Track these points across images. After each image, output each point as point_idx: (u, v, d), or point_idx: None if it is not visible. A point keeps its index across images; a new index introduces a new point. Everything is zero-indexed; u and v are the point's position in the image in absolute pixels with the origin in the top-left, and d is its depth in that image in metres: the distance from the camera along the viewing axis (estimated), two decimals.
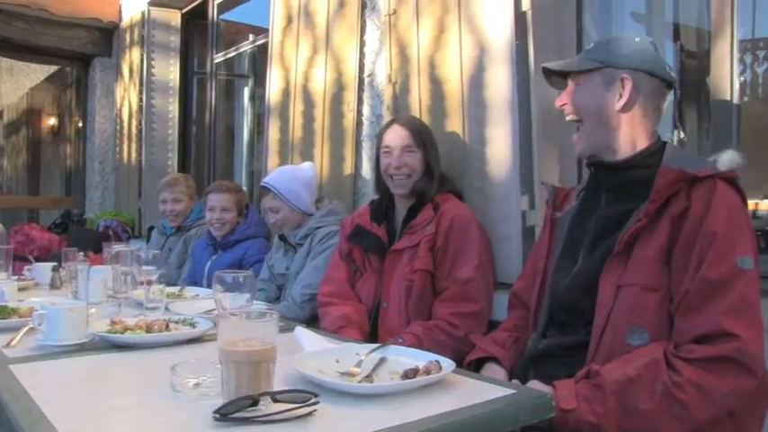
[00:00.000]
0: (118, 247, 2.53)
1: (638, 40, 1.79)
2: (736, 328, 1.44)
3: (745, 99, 2.55)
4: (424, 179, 2.50)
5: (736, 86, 2.32)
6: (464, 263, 2.34)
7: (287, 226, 3.06)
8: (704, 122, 2.51)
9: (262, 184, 3.18)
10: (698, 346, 1.47)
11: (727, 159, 1.68)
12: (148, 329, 1.84)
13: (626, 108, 1.73)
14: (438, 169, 2.54)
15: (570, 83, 1.83)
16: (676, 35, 2.87)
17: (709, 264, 1.49)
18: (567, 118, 1.84)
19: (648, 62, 1.74)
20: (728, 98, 2.30)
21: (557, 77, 1.88)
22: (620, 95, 1.73)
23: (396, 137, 2.54)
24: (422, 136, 2.55)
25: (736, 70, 2.33)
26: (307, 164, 3.28)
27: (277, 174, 3.21)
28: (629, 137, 1.74)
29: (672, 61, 2.60)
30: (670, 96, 1.81)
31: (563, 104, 1.83)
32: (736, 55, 2.31)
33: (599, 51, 1.78)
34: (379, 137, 2.64)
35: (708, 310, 1.47)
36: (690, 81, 2.62)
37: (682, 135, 2.55)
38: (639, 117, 1.75)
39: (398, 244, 2.46)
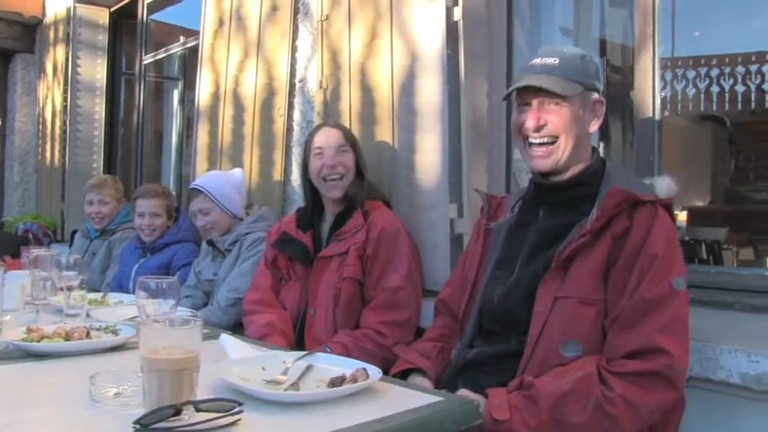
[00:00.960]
0: (37, 252, 2.44)
1: (589, 58, 1.80)
2: (668, 344, 1.49)
3: (666, 114, 2.64)
4: (356, 182, 2.50)
5: (658, 102, 2.40)
6: (393, 271, 2.34)
7: (216, 229, 3.01)
8: (628, 135, 2.59)
9: (191, 186, 3.13)
10: (630, 361, 1.50)
11: (665, 186, 1.74)
12: (68, 337, 1.77)
13: (595, 131, 1.78)
14: (367, 174, 2.54)
15: (541, 100, 1.73)
16: (603, 50, 2.96)
17: (647, 284, 1.54)
18: (539, 140, 1.74)
19: (600, 80, 1.79)
20: (651, 113, 2.37)
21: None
22: (594, 118, 1.77)
23: (328, 138, 2.52)
24: (351, 137, 2.57)
25: (658, 86, 2.41)
26: (236, 170, 3.25)
27: (207, 177, 3.18)
28: (587, 154, 1.79)
29: None
30: None
31: (544, 124, 1.73)
32: (658, 71, 2.39)
33: (573, 70, 1.73)
34: (307, 142, 2.60)
35: (642, 327, 1.51)
36: (615, 95, 2.70)
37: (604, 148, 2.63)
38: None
39: (326, 251, 2.44)
